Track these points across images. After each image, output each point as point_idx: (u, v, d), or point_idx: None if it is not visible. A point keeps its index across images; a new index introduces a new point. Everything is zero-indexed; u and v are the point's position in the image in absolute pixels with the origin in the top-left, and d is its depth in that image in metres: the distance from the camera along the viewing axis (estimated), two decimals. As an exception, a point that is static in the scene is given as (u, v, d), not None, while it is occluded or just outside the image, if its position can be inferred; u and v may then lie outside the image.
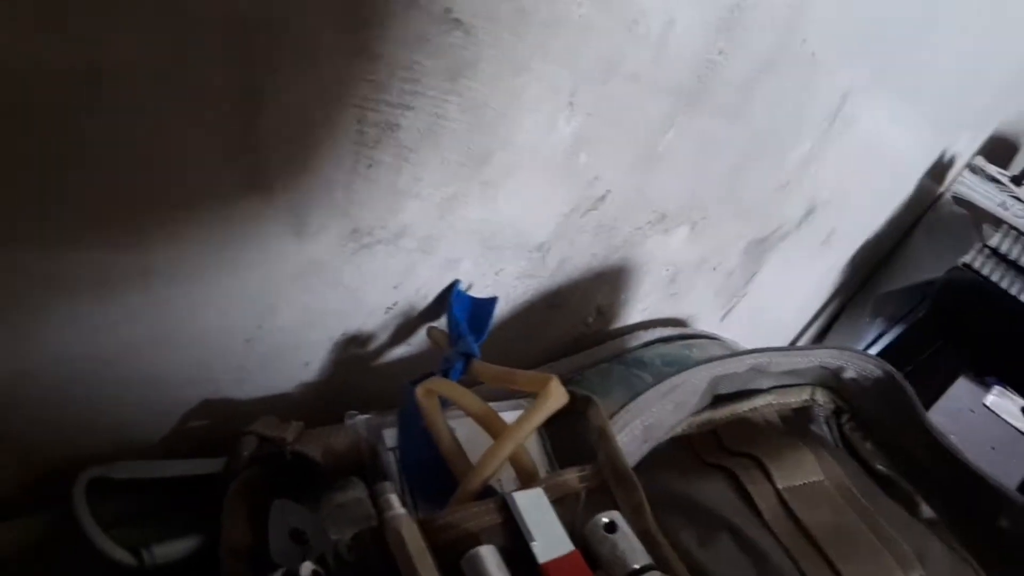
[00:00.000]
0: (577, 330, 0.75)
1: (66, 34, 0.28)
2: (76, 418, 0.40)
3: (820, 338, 1.45)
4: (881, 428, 0.60)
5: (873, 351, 1.32)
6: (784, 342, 1.35)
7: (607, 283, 0.72)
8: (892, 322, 1.40)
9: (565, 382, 0.50)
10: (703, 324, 0.95)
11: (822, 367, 0.58)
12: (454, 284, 0.54)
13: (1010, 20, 1.04)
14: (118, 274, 0.36)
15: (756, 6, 0.57)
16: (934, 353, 1.31)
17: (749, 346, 0.91)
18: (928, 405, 2.27)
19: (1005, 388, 1.76)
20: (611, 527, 0.41)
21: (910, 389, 0.57)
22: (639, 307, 0.81)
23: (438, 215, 0.49)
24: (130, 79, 0.30)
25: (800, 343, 1.39)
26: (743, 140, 0.72)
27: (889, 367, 0.57)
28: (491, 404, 0.48)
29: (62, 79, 0.29)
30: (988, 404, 2.70)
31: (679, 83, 0.58)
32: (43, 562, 0.39)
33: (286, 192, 0.39)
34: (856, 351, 0.58)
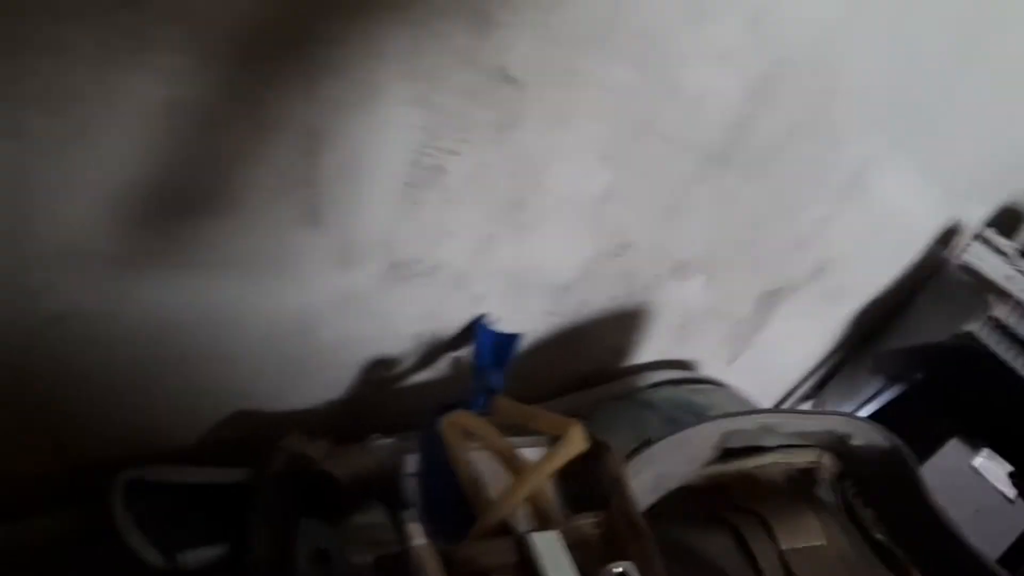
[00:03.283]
0: (588, 367, 0.76)
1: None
2: (116, 418, 0.42)
3: (818, 389, 1.47)
4: (883, 497, 0.61)
5: (870, 407, 1.34)
6: (783, 391, 1.37)
7: (622, 324, 0.74)
8: (891, 380, 1.41)
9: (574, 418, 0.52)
10: (708, 368, 0.97)
11: (830, 432, 0.60)
12: (481, 317, 0.56)
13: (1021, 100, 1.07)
14: (172, 291, 0.38)
15: (788, 77, 0.60)
16: (928, 414, 1.33)
17: (751, 393, 0.93)
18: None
19: (994, 452, 1.75)
20: (623, 578, 0.43)
21: (915, 463, 0.58)
22: (649, 348, 0.82)
23: (473, 253, 0.51)
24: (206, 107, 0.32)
25: (799, 392, 1.41)
26: (764, 198, 0.74)
27: (897, 440, 0.59)
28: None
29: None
30: (976, 466, 2.68)
31: (708, 143, 0.60)
32: (72, 555, 0.41)
33: (336, 227, 0.41)
34: (865, 421, 0.59)
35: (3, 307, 0.33)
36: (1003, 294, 1.24)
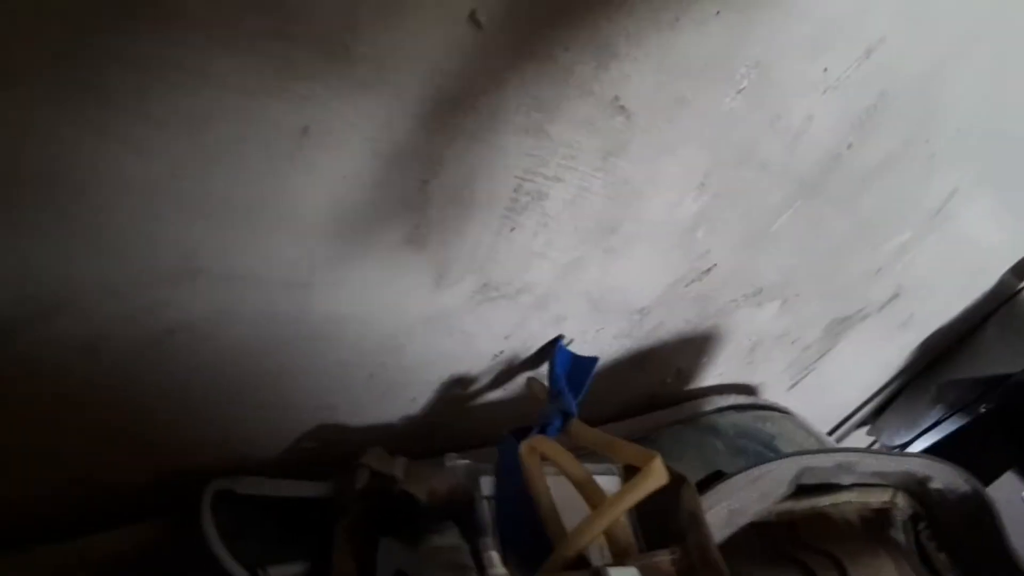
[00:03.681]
0: (654, 389, 0.75)
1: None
2: (209, 431, 0.43)
3: (876, 415, 1.43)
4: (958, 542, 0.60)
5: (930, 437, 1.30)
6: (841, 416, 1.34)
7: (692, 347, 0.73)
8: (952, 410, 1.37)
9: (639, 441, 0.51)
10: (770, 392, 0.95)
11: (909, 473, 0.58)
12: (558, 339, 0.56)
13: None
14: (281, 308, 0.38)
15: (892, 107, 0.58)
16: (986, 446, 1.29)
17: (808, 417, 0.91)
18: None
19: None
20: (698, 616, 0.42)
21: (997, 510, 0.56)
22: (715, 372, 0.81)
23: (560, 276, 0.50)
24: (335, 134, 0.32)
25: (856, 418, 1.38)
26: (849, 226, 0.72)
27: (978, 485, 0.57)
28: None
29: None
30: (1025, 498, 2.59)
31: (804, 172, 0.59)
32: (158, 565, 0.41)
33: (438, 248, 0.41)
34: (947, 464, 0.57)
35: (120, 321, 0.33)
36: (1081, 331, 1.19)
